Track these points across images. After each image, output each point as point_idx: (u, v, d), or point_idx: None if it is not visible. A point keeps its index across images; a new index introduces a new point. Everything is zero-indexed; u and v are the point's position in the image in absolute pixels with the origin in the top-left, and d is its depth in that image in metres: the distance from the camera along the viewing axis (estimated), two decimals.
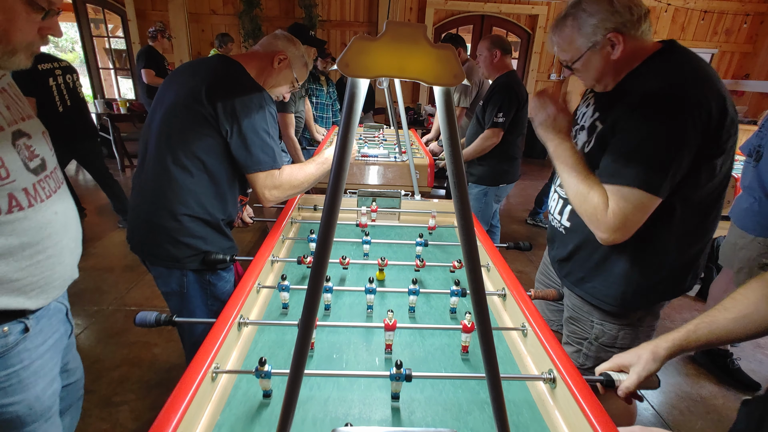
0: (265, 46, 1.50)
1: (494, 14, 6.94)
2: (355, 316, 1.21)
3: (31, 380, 0.97)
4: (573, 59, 1.14)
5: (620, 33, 1.07)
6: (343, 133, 0.47)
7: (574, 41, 1.12)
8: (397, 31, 0.42)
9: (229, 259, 1.42)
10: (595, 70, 1.13)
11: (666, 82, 1.04)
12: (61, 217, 1.01)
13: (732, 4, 6.68)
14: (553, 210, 1.38)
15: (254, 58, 1.46)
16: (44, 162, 0.98)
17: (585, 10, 1.08)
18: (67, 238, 1.03)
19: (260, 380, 0.87)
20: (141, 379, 2.09)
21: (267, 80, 1.49)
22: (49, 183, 0.98)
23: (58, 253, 0.99)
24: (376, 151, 2.62)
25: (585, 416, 0.78)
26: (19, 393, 0.95)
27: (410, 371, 0.85)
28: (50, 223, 0.97)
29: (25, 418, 0.98)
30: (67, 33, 10.57)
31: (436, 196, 2.54)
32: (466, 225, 0.51)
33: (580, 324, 1.33)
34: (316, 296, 0.55)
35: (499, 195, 2.84)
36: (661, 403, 2.15)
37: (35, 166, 0.94)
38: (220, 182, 1.39)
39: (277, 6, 6.63)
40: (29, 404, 0.97)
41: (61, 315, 1.11)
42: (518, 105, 2.58)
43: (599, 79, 1.16)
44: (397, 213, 1.94)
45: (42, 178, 0.96)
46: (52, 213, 0.98)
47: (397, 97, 2.20)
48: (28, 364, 0.96)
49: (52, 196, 0.98)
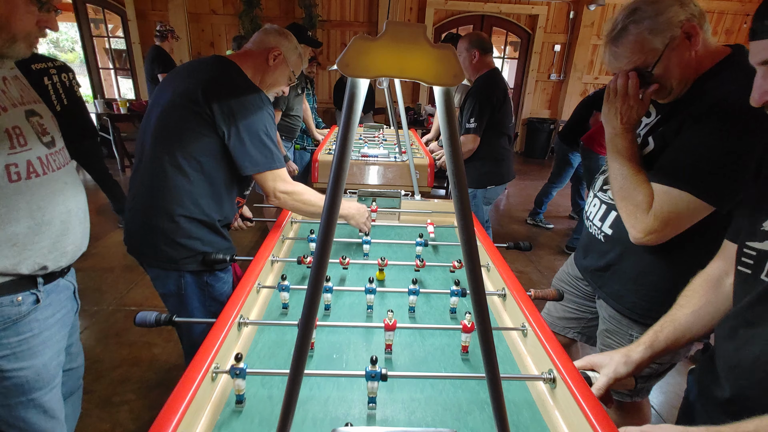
0: (258, 44, 1.48)
1: (494, 14, 6.94)
2: (355, 316, 1.21)
3: (39, 348, 1.07)
4: (651, 63, 1.06)
5: (695, 22, 1.02)
6: (343, 133, 0.47)
7: (647, 43, 1.04)
8: (397, 31, 0.42)
9: (229, 259, 1.42)
10: (677, 68, 1.05)
11: (743, 89, 0.94)
12: (71, 187, 1.12)
13: (732, 4, 6.69)
14: (592, 216, 1.32)
15: (249, 57, 1.45)
16: (54, 139, 1.10)
17: (647, 12, 1.03)
18: (76, 207, 1.14)
19: (235, 380, 0.84)
20: (141, 379, 2.10)
21: (264, 78, 1.48)
22: (58, 158, 1.10)
23: (69, 219, 1.10)
24: (376, 151, 2.62)
25: (585, 416, 0.78)
26: (29, 359, 1.05)
27: (386, 371, 0.84)
28: (62, 191, 1.08)
29: (32, 383, 1.07)
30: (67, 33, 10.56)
31: (436, 196, 2.54)
32: (466, 225, 0.51)
33: (616, 337, 1.28)
34: (316, 296, 0.55)
35: (488, 197, 2.80)
36: (661, 403, 2.15)
37: (47, 141, 1.07)
38: (217, 183, 1.39)
39: (277, 6, 6.63)
40: (37, 371, 1.07)
41: (69, 292, 1.20)
42: (492, 108, 2.54)
43: (681, 78, 1.06)
44: (397, 213, 1.94)
45: (53, 152, 1.08)
46: (62, 183, 1.09)
47: (397, 97, 2.21)
48: (37, 333, 1.06)
49: (62, 168, 1.10)
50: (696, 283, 0.95)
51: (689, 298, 0.94)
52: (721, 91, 1.00)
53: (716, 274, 0.92)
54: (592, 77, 7.28)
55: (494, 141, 2.67)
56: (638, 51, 1.06)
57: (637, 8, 1.05)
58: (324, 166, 2.52)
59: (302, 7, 6.38)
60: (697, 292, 0.93)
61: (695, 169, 0.99)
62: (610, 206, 1.23)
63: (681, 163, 1.01)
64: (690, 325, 0.92)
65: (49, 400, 1.12)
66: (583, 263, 1.40)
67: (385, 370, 0.85)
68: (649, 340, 0.94)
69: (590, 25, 6.80)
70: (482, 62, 2.62)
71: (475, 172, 2.72)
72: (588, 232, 1.36)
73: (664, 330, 0.93)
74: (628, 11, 1.07)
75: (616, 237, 1.22)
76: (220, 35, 6.79)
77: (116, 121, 5.54)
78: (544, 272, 3.47)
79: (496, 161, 2.72)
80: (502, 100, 2.59)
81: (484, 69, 2.63)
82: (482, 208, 2.83)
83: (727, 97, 0.97)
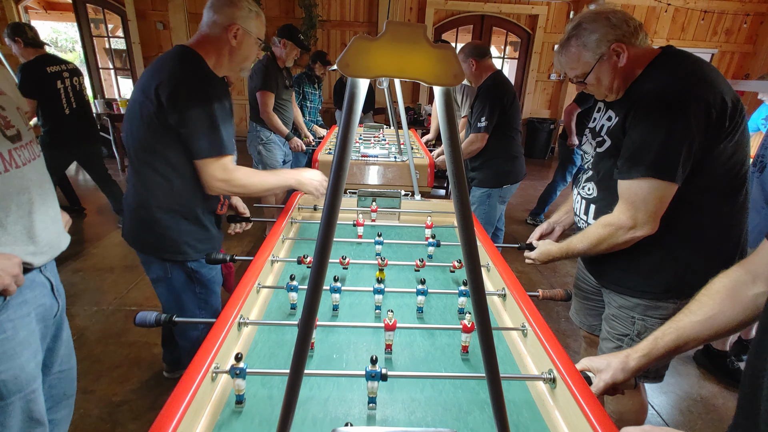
0: (211, 26, 1.41)
1: (494, 14, 6.94)
2: (356, 316, 1.21)
3: (16, 350, 1.00)
4: (584, 73, 1.24)
5: (623, 43, 1.17)
6: (343, 133, 0.47)
7: (582, 57, 1.22)
8: (397, 31, 0.42)
9: (229, 259, 1.42)
10: (606, 79, 1.22)
11: (664, 81, 1.14)
12: (36, 185, 1.07)
13: (732, 4, 6.68)
14: (578, 212, 1.43)
15: (207, 42, 1.42)
16: (20, 133, 1.05)
17: (586, 29, 1.20)
18: (45, 205, 1.09)
19: (235, 380, 0.84)
20: (141, 379, 2.09)
21: (233, 58, 1.45)
22: (23, 153, 1.04)
23: (40, 218, 1.06)
24: (376, 151, 2.62)
25: (585, 416, 0.78)
26: (4, 362, 0.98)
27: (386, 371, 0.84)
28: (27, 188, 1.03)
29: (10, 386, 1.00)
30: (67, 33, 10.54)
31: (436, 196, 2.54)
32: (466, 225, 0.51)
33: (620, 321, 1.35)
34: (316, 296, 0.55)
35: (503, 196, 2.82)
36: (661, 403, 2.15)
37: (11, 134, 1.02)
38: (185, 174, 1.42)
39: (277, 6, 6.63)
40: (14, 374, 1.01)
41: (46, 289, 1.12)
42: (502, 105, 2.57)
43: (611, 87, 1.24)
44: (397, 213, 1.94)
45: (18, 146, 1.03)
46: (29, 180, 1.04)
47: (397, 97, 2.21)
48: (11, 335, 1.00)
49: (27, 164, 1.05)
50: (713, 288, 0.91)
51: (702, 304, 0.90)
52: (650, 86, 1.16)
53: (737, 282, 0.87)
54: None
55: (510, 139, 2.70)
56: (575, 61, 1.24)
57: (580, 23, 1.22)
58: (324, 166, 2.52)
59: (302, 7, 6.38)
60: (712, 298, 0.89)
61: (646, 155, 1.11)
62: (589, 201, 1.36)
63: (635, 154, 1.14)
64: (696, 334, 0.88)
65: (31, 401, 1.06)
66: (582, 259, 1.48)
67: (385, 370, 0.85)
68: (648, 347, 0.92)
69: None
70: (482, 67, 2.65)
71: (492, 172, 2.73)
72: (578, 227, 1.44)
73: (666, 337, 0.91)
74: (573, 24, 1.24)
75: None
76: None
77: (116, 121, 5.55)
78: (544, 272, 3.47)
79: (512, 159, 2.74)
80: (511, 99, 2.62)
81: (487, 73, 2.65)
82: (497, 207, 2.84)
83: (655, 91, 1.13)
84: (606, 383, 0.91)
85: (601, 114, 1.36)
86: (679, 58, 1.17)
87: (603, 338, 1.42)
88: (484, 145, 2.64)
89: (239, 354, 0.85)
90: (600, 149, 1.30)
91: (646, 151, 1.11)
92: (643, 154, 1.12)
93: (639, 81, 1.20)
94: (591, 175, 1.36)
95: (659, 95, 1.11)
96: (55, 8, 7.80)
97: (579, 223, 1.43)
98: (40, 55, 3.14)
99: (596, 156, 1.33)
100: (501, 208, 2.90)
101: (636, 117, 1.15)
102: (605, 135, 1.28)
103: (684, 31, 6.91)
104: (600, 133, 1.32)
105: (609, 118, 1.30)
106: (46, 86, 3.15)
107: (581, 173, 1.44)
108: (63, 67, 3.24)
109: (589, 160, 1.39)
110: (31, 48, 3.10)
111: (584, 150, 1.43)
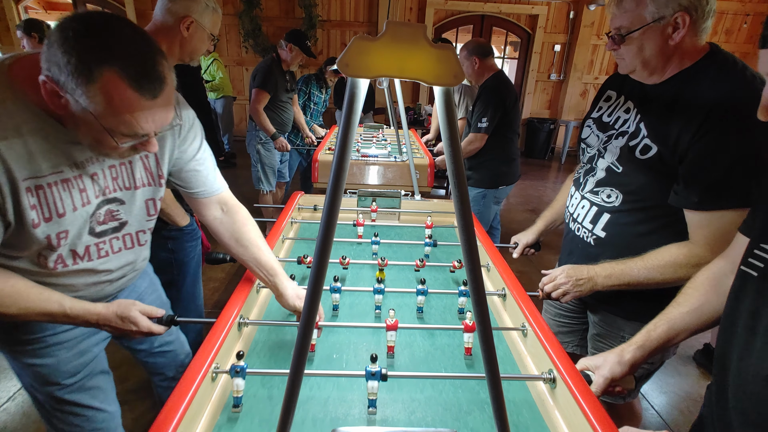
0: (165, 14, 1.39)
1: (494, 14, 6.94)
2: (356, 316, 1.21)
3: (55, 348, 1.05)
4: (632, 28, 1.03)
5: (689, 17, 0.98)
6: (343, 133, 0.47)
7: (643, 7, 1.01)
8: (397, 31, 0.42)
9: (229, 259, 1.42)
10: (650, 49, 1.03)
11: (736, 92, 0.96)
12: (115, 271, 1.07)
13: (732, 4, 6.68)
14: (580, 218, 1.26)
15: (159, 32, 1.40)
16: (120, 225, 1.01)
17: None
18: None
19: (234, 380, 0.84)
20: (141, 379, 2.09)
21: (183, 49, 1.44)
22: (113, 243, 1.01)
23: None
24: (376, 151, 2.62)
25: (585, 416, 0.78)
26: (48, 357, 1.04)
27: (386, 371, 0.85)
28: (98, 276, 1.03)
29: (50, 378, 1.06)
30: None
31: (436, 196, 2.54)
32: (466, 225, 0.51)
33: (608, 340, 1.27)
34: (316, 296, 0.55)
35: (498, 197, 2.84)
36: (661, 403, 2.15)
37: (102, 229, 0.97)
38: None
39: (277, 6, 6.63)
40: (56, 367, 1.06)
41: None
42: (504, 107, 2.58)
43: (646, 62, 1.06)
44: (397, 213, 1.94)
45: (104, 240, 0.99)
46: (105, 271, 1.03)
47: (397, 97, 2.20)
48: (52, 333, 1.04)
49: (109, 255, 1.02)
50: (698, 280, 0.93)
51: (688, 296, 0.93)
52: (712, 95, 0.98)
53: (719, 273, 0.90)
54: (592, 77, 7.27)
55: (508, 141, 2.71)
56: (632, 8, 1.02)
57: None
58: (324, 166, 2.52)
59: (302, 7, 6.37)
60: (697, 290, 0.92)
61: (735, 183, 0.95)
62: (603, 208, 1.19)
63: (724, 182, 0.96)
64: (686, 324, 0.91)
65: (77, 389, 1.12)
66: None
67: (385, 370, 0.85)
68: (641, 339, 0.93)
69: (590, 25, 6.79)
70: (484, 66, 2.65)
71: (488, 173, 2.74)
72: (574, 235, 1.29)
73: (658, 329, 0.93)
74: None
75: (610, 240, 1.18)
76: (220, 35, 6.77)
77: None
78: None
79: (509, 161, 2.75)
80: (513, 100, 2.63)
81: (489, 72, 2.66)
82: (492, 207, 2.85)
83: (724, 101, 0.96)
84: (605, 378, 0.90)
85: (614, 104, 1.22)
86: (736, 62, 1.02)
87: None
88: (482, 146, 2.65)
89: (241, 352, 0.85)
90: (633, 154, 1.10)
91: (736, 179, 0.94)
92: (732, 183, 0.95)
93: (686, 79, 1.04)
94: (609, 179, 1.18)
95: (735, 109, 0.94)
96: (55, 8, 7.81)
97: (577, 231, 1.27)
98: None
99: (622, 160, 1.14)
100: (495, 208, 2.91)
101: (714, 136, 0.96)
102: (652, 145, 1.07)
103: None
104: (613, 127, 1.18)
105: (628, 111, 1.15)
106: None
107: (587, 173, 1.26)
108: None
109: (593, 155, 1.23)
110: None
111: (588, 143, 1.26)
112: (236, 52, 6.84)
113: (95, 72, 0.69)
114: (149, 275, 1.34)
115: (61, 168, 0.85)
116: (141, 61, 0.72)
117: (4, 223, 0.81)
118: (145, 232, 1.09)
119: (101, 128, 0.75)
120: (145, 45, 0.74)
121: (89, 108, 0.72)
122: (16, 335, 1.01)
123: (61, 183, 0.85)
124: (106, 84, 0.70)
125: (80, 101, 0.71)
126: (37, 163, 0.80)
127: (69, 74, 0.69)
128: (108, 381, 1.21)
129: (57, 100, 0.74)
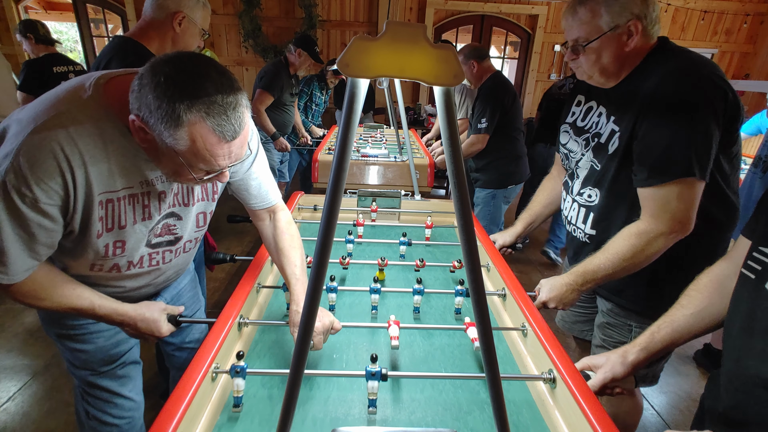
0: (157, 10, 1.40)
1: (494, 14, 6.94)
2: (356, 316, 1.21)
3: (95, 336, 1.11)
4: (590, 38, 1.09)
5: (641, 23, 1.06)
6: (343, 133, 0.47)
7: (598, 18, 1.07)
8: (397, 31, 0.42)
9: (229, 259, 1.42)
10: (607, 56, 1.10)
11: (674, 77, 1.05)
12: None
13: (732, 4, 6.68)
14: (574, 220, 1.31)
15: (150, 28, 1.40)
16: (175, 239, 1.05)
17: None
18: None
19: (234, 380, 0.84)
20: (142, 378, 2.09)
21: (176, 46, 1.44)
22: (165, 255, 1.06)
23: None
24: (376, 151, 2.62)
25: (585, 416, 0.78)
26: (87, 343, 1.10)
27: (386, 371, 0.85)
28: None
29: (87, 363, 1.13)
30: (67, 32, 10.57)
31: (436, 196, 2.54)
32: (466, 225, 0.51)
33: (616, 329, 1.30)
34: (316, 296, 0.55)
35: (507, 196, 2.83)
36: (661, 403, 2.15)
37: (157, 242, 1.02)
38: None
39: (277, 6, 6.62)
40: (93, 353, 1.12)
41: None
42: (503, 106, 2.59)
43: (604, 69, 1.12)
44: (397, 213, 1.94)
45: (158, 251, 1.03)
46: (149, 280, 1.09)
47: (397, 97, 2.21)
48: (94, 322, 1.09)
49: (160, 265, 1.06)
50: (701, 282, 0.93)
51: (692, 298, 0.92)
52: (657, 84, 1.06)
53: (722, 275, 0.90)
54: None
55: (513, 140, 2.71)
56: (587, 21, 1.09)
57: None
58: (324, 166, 2.52)
59: (302, 7, 6.37)
60: (701, 292, 0.92)
61: (676, 157, 1.03)
62: (589, 208, 1.26)
63: (662, 158, 1.04)
64: (689, 326, 0.91)
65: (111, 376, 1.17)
66: (572, 263, 1.37)
67: (385, 370, 0.85)
68: (645, 341, 0.93)
69: None
70: (482, 69, 2.68)
71: (496, 173, 2.74)
72: (572, 236, 1.35)
73: (661, 331, 0.93)
74: None
75: (600, 237, 1.23)
76: (220, 35, 6.78)
77: None
78: (545, 272, 3.47)
79: (516, 160, 2.75)
80: (512, 99, 2.64)
81: (487, 74, 2.68)
82: (501, 207, 2.84)
83: (668, 88, 1.04)
84: (605, 376, 0.91)
85: (584, 108, 1.27)
86: (682, 52, 1.10)
87: (597, 345, 1.38)
88: (484, 146, 2.65)
89: (241, 352, 0.85)
90: (606, 151, 1.18)
91: (675, 153, 1.03)
92: (672, 157, 1.03)
93: (637, 76, 1.12)
94: (589, 179, 1.25)
95: (674, 92, 1.03)
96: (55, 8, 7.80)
97: (574, 232, 1.33)
98: (48, 53, 3.14)
99: (598, 158, 1.21)
100: (504, 208, 2.91)
101: (652, 119, 1.05)
102: (616, 138, 1.15)
103: (684, 31, 6.91)
104: (588, 131, 1.24)
105: (600, 115, 1.21)
106: (50, 86, 3.15)
107: (572, 177, 1.32)
108: (70, 68, 3.23)
109: (578, 159, 1.28)
110: (42, 45, 3.12)
111: (569, 149, 1.32)
112: (236, 52, 6.84)
113: (183, 118, 0.73)
114: (191, 272, 1.37)
115: (132, 184, 0.89)
116: (224, 110, 0.76)
117: (66, 229, 0.85)
118: (193, 242, 1.13)
119: (182, 163, 0.80)
120: (229, 88, 0.77)
121: (173, 146, 0.77)
122: (62, 321, 1.07)
123: (129, 197, 0.89)
124: (191, 129, 0.74)
125: (166, 140, 0.76)
126: (114, 179, 0.86)
127: (159, 118, 0.73)
128: (138, 371, 1.25)
129: (144, 135, 0.78)
